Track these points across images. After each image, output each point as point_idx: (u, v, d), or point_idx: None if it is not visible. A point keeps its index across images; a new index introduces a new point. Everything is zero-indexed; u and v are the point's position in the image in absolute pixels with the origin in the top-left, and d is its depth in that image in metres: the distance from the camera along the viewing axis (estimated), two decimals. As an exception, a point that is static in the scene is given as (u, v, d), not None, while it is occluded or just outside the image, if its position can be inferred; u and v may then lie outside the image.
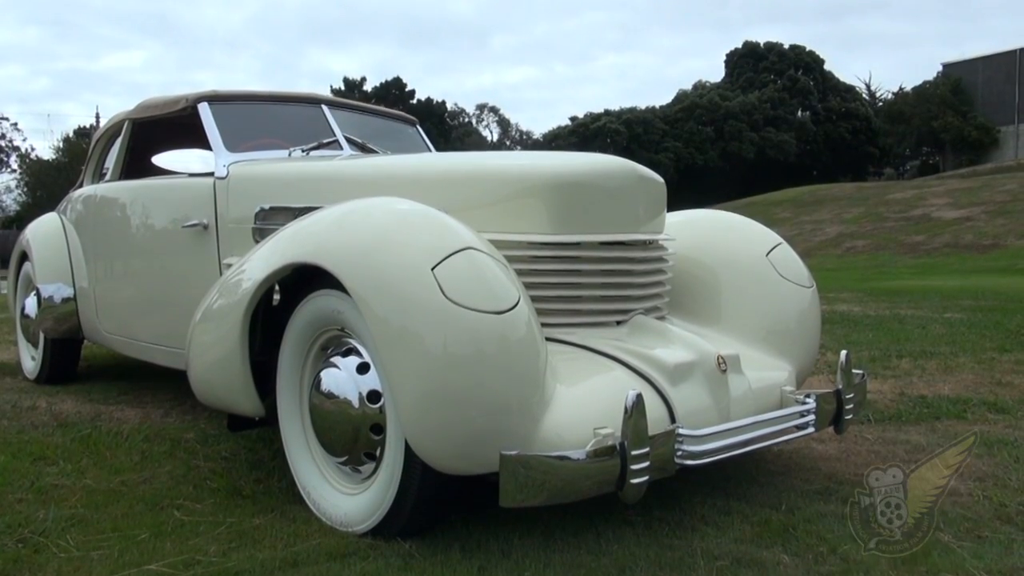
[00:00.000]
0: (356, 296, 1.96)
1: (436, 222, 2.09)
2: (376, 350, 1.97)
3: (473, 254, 1.97)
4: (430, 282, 1.88)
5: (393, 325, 1.90)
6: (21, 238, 4.56)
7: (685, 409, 2.14)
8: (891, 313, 9.36)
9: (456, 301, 1.86)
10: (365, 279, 1.95)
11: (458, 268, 1.92)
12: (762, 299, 2.76)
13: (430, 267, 1.90)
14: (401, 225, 2.07)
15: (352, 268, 1.98)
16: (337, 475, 2.24)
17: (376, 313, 1.92)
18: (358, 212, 2.19)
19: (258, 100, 3.60)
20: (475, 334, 1.86)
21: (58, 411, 3.64)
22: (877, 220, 31.36)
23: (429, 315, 1.85)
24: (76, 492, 2.45)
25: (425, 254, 1.93)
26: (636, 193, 2.49)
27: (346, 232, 2.12)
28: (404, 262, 1.93)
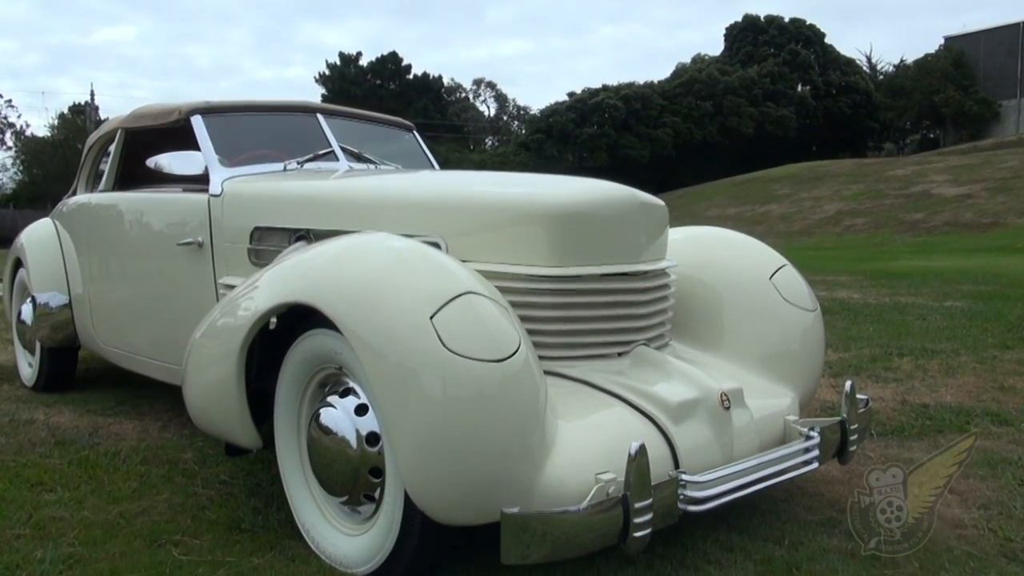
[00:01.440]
0: (354, 343, 1.92)
1: (434, 264, 2.05)
2: (374, 397, 1.94)
3: (472, 299, 1.93)
4: (429, 331, 1.84)
5: (392, 375, 1.86)
6: (16, 243, 4.51)
7: (688, 449, 2.12)
8: (891, 301, 9.34)
9: (455, 351, 1.82)
10: (363, 327, 1.92)
11: (457, 315, 1.88)
12: (765, 323, 2.73)
13: (429, 315, 1.86)
14: (398, 267, 2.03)
15: (350, 315, 1.95)
16: (337, 514, 2.22)
17: (374, 361, 1.89)
18: (355, 251, 2.15)
19: (252, 111, 3.54)
20: (475, 385, 1.83)
21: (56, 425, 3.62)
22: (877, 197, 31.26)
23: (428, 366, 1.82)
24: (74, 526, 2.42)
25: (423, 301, 1.89)
26: (638, 222, 2.44)
27: (343, 272, 2.08)
28: (402, 310, 1.89)
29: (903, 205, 29.08)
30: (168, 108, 3.51)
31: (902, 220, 27.41)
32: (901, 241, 24.89)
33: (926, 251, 22.36)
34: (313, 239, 2.76)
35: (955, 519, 2.52)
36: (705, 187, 43.68)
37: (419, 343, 1.84)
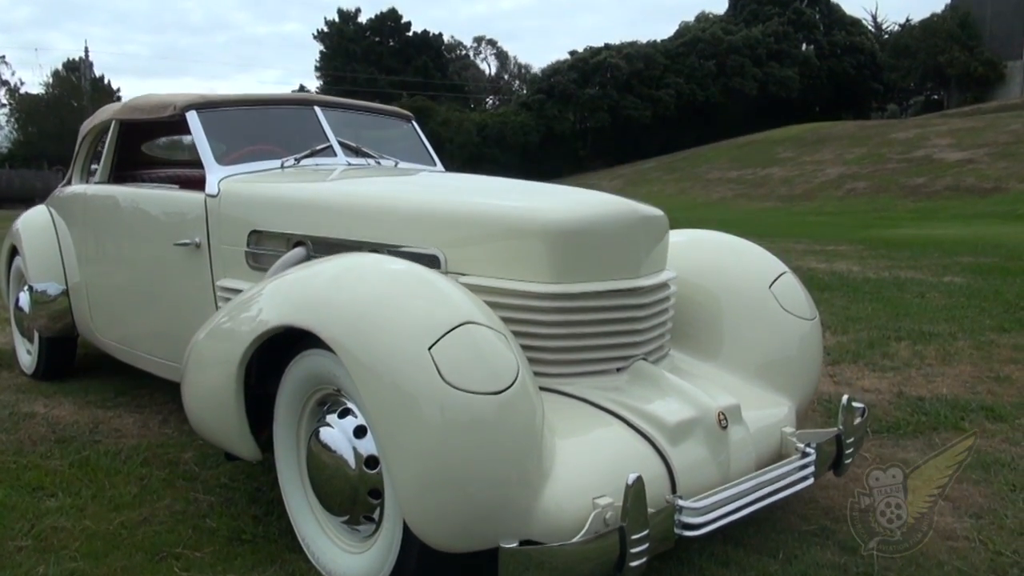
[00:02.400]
0: (352, 371, 1.92)
1: (433, 291, 2.04)
2: (372, 426, 1.95)
3: (470, 329, 1.93)
4: (427, 363, 1.84)
5: (390, 406, 1.87)
6: (12, 229, 4.49)
7: (685, 469, 2.13)
8: (890, 275, 9.34)
9: (453, 384, 1.83)
10: (362, 356, 1.92)
11: (455, 346, 1.88)
12: (763, 332, 2.73)
13: (427, 346, 1.86)
14: (397, 293, 2.03)
15: (349, 343, 1.94)
16: (337, 531, 2.24)
17: (372, 391, 1.89)
18: (353, 273, 2.15)
19: (248, 105, 3.50)
20: (473, 417, 1.83)
21: (56, 419, 3.64)
22: (878, 161, 31.07)
23: (426, 398, 1.82)
24: (76, 537, 2.45)
25: (422, 331, 1.89)
26: (637, 236, 2.43)
27: (342, 296, 2.07)
28: (401, 339, 1.89)
29: (904, 170, 28.92)
30: (163, 102, 3.47)
31: (903, 185, 27.28)
32: (902, 206, 24.80)
33: (927, 217, 22.29)
34: (311, 246, 2.75)
35: (947, 529, 2.54)
36: (707, 149, 43.39)
37: (417, 375, 1.84)
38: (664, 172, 40.87)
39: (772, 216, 25.35)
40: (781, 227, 20.20)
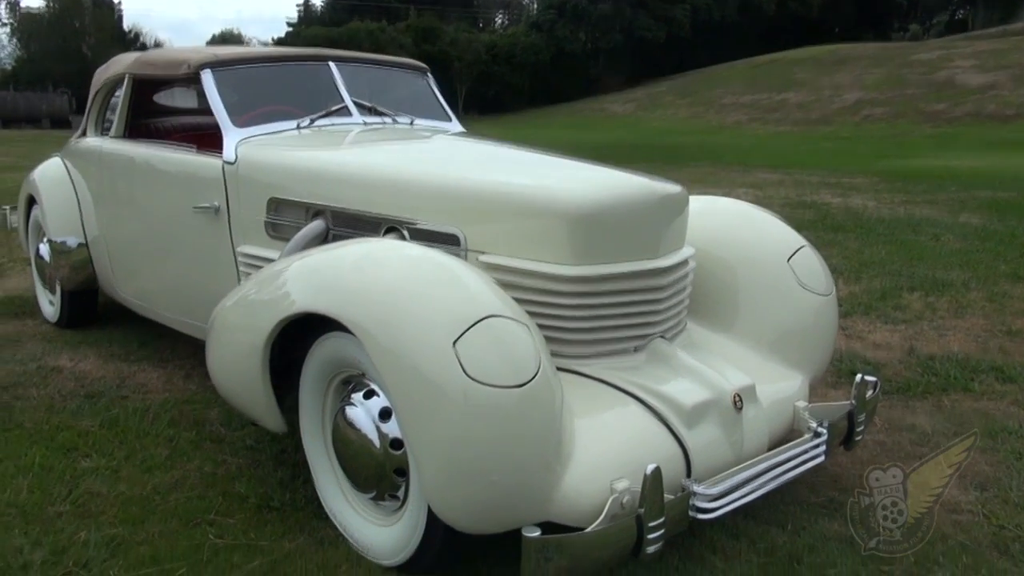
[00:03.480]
0: (378, 363, 1.97)
1: (456, 283, 2.07)
2: (397, 413, 2.01)
3: (493, 323, 1.96)
4: (451, 358, 1.88)
5: (415, 397, 1.92)
6: (29, 179, 4.50)
7: (700, 451, 2.19)
8: (905, 213, 9.29)
9: (477, 378, 1.87)
10: (387, 347, 1.96)
11: (479, 341, 1.92)
12: (779, 307, 2.75)
13: (451, 341, 1.90)
14: (421, 284, 2.05)
15: (374, 334, 1.98)
16: (363, 504, 2.33)
17: (398, 384, 1.94)
18: (377, 261, 2.17)
19: (262, 62, 3.46)
20: (496, 410, 1.88)
21: (82, 373, 3.74)
22: (898, 85, 30.42)
23: (451, 393, 1.87)
24: (112, 502, 2.55)
25: (446, 326, 1.92)
26: (658, 216, 2.44)
27: (365, 283, 2.10)
28: (426, 333, 1.93)
29: (925, 94, 28.35)
30: (177, 59, 3.44)
31: (923, 110, 26.79)
32: (920, 133, 24.41)
33: (945, 145, 21.94)
34: (330, 217, 2.77)
35: (952, 501, 2.62)
36: (721, 69, 42.49)
37: (442, 370, 1.88)
38: (677, 95, 40.15)
39: (787, 142, 25.01)
40: (796, 155, 19.96)
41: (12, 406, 3.30)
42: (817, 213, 9.32)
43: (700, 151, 22.14)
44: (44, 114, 39.65)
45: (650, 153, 21.48)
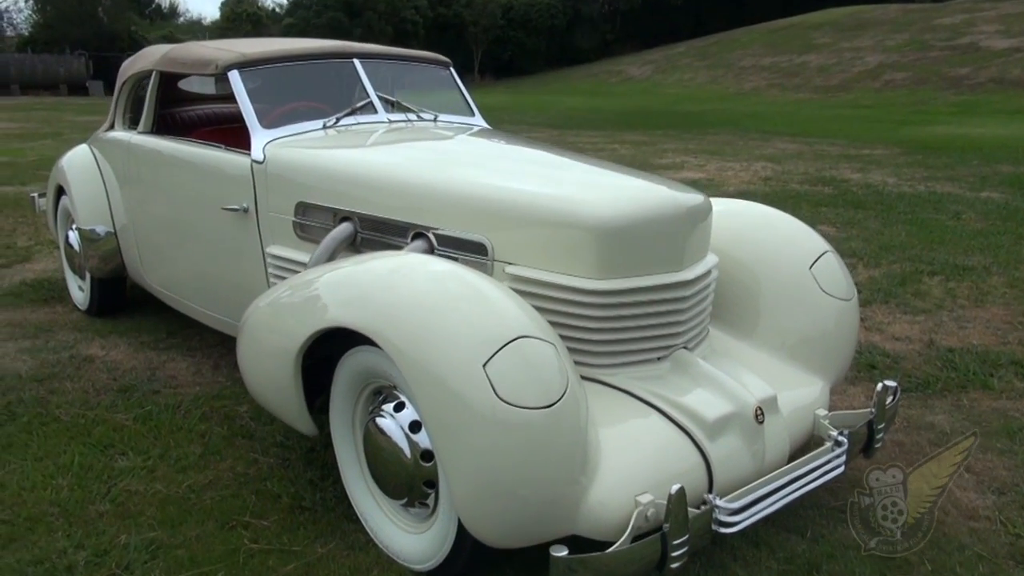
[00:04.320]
0: (408, 379, 2.03)
1: (485, 302, 2.11)
2: (427, 429, 2.07)
3: (522, 344, 2.00)
4: (482, 380, 1.93)
5: (445, 416, 1.98)
6: (57, 168, 4.56)
7: (722, 462, 2.24)
8: (926, 189, 9.23)
9: (507, 400, 1.92)
10: (417, 366, 2.01)
11: (508, 363, 1.96)
12: (801, 313, 2.78)
13: (481, 363, 1.95)
14: (450, 304, 2.09)
15: (405, 351, 2.03)
16: (393, 511, 2.40)
17: (428, 401, 2.00)
18: (406, 277, 2.21)
19: (288, 60, 3.48)
20: (526, 430, 1.94)
21: (114, 363, 3.82)
22: (921, 48, 29.90)
23: (481, 413, 1.92)
24: (150, 502, 2.64)
25: (476, 347, 1.97)
26: (682, 229, 2.46)
27: (397, 301, 2.14)
28: (457, 353, 1.98)
29: (948, 59, 27.86)
30: (204, 58, 3.46)
31: (945, 76, 26.35)
32: (942, 100, 24.04)
33: (968, 111, 21.63)
34: (358, 222, 2.81)
35: (969, 507, 2.67)
36: (741, 32, 41.84)
37: (472, 391, 1.93)
38: (695, 58, 39.62)
39: (806, 109, 24.72)
40: (816, 123, 19.75)
41: (48, 400, 3.39)
42: (836, 189, 9.26)
43: (719, 118, 21.94)
44: (62, 78, 39.68)
45: (668, 120, 21.32)
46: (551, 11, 50.34)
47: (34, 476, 2.78)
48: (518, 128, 18.78)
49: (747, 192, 9.11)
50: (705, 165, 11.69)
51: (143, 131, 3.93)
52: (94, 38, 43.07)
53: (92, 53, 41.74)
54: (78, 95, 38.49)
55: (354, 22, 46.92)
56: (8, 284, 5.15)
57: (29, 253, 6.02)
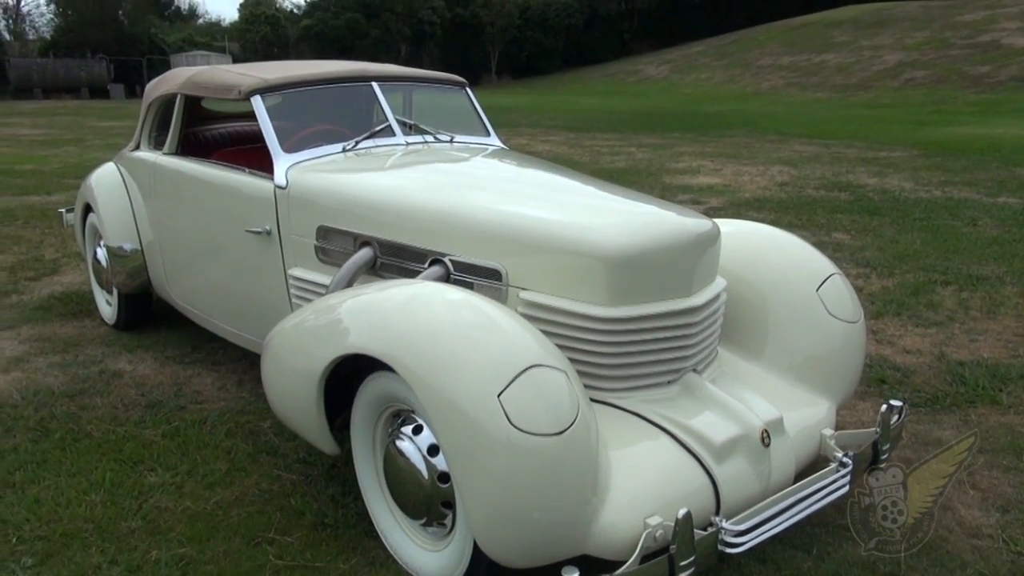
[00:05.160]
0: (426, 407, 2.12)
1: (499, 331, 2.20)
2: (444, 453, 2.16)
3: (535, 373, 2.09)
4: (496, 410, 2.02)
5: (461, 443, 2.07)
6: (85, 186, 4.70)
7: (729, 483, 2.32)
8: (943, 195, 9.23)
9: (520, 427, 2.01)
10: (434, 395, 2.10)
11: (522, 392, 2.05)
12: (808, 335, 2.85)
13: (496, 393, 2.04)
14: (467, 334, 2.19)
15: (421, 380, 2.13)
16: (412, 529, 2.50)
17: (445, 428, 2.09)
18: (420, 304, 2.31)
19: (309, 85, 3.58)
20: (538, 455, 2.02)
21: (141, 379, 3.95)
22: (941, 46, 29.68)
23: (495, 440, 2.01)
24: (179, 518, 2.76)
25: (491, 378, 2.06)
26: (692, 256, 2.54)
27: (412, 327, 2.23)
28: (472, 384, 2.07)
29: (969, 56, 27.64)
30: (228, 83, 3.57)
31: (966, 74, 26.15)
32: (963, 99, 23.87)
33: (988, 111, 21.47)
34: (377, 248, 2.91)
35: (973, 525, 2.73)
36: (758, 31, 41.67)
37: (487, 418, 2.02)
38: (713, 57, 39.51)
39: (825, 109, 24.63)
40: (834, 123, 19.68)
41: (80, 416, 3.52)
42: (853, 195, 9.27)
43: (736, 118, 21.90)
44: (83, 82, 40.23)
45: (685, 121, 21.31)
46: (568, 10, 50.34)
47: (68, 492, 2.90)
48: (535, 131, 18.85)
49: (763, 199, 9.14)
50: (721, 169, 11.71)
51: (168, 152, 4.05)
52: (115, 42, 43.62)
53: (113, 57, 42.31)
54: (99, 98, 39.02)
55: (371, 23, 47.18)
56: (37, 298, 5.31)
57: (57, 265, 6.18)
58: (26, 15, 53.92)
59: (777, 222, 7.69)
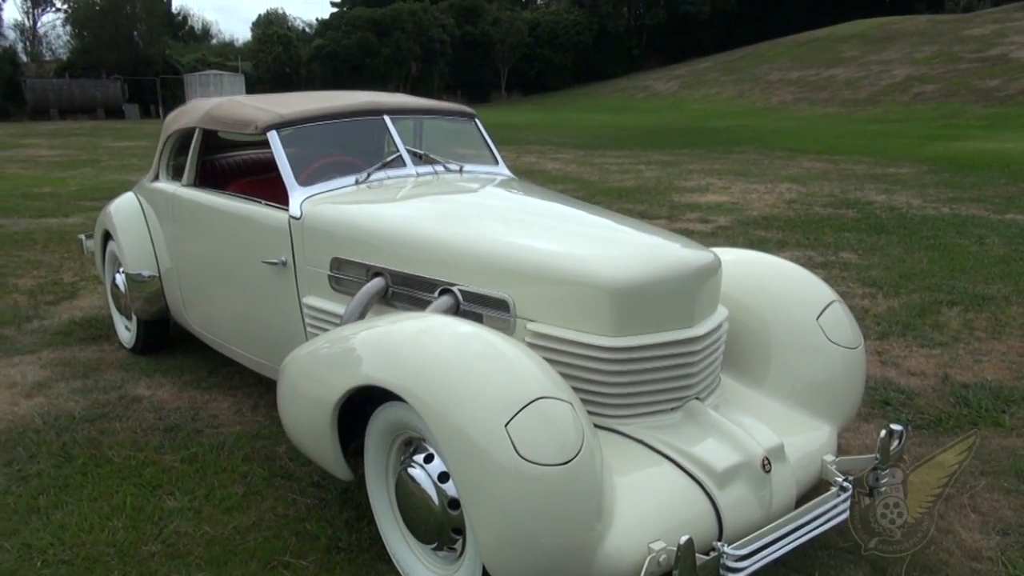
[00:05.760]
0: (437, 437, 2.20)
1: (507, 363, 2.28)
2: (454, 481, 2.24)
3: (542, 405, 2.17)
4: (504, 440, 2.10)
5: (470, 471, 2.15)
6: (105, 214, 4.82)
7: (731, 509, 2.39)
8: (950, 212, 9.27)
9: (527, 458, 2.09)
10: (443, 425, 2.18)
11: (529, 423, 2.13)
12: (809, 362, 2.92)
13: (503, 424, 2.12)
14: (473, 361, 2.28)
15: (431, 411, 2.21)
16: (424, 554, 2.58)
17: (455, 457, 2.17)
18: (431, 336, 2.40)
19: (323, 119, 3.69)
20: (545, 485, 2.10)
21: (159, 404, 4.05)
22: (950, 61, 29.71)
23: (503, 469, 2.09)
24: (198, 542, 2.84)
25: (499, 409, 2.14)
26: (693, 288, 2.62)
27: (423, 360, 2.32)
28: (480, 414, 2.15)
29: (977, 70, 27.64)
30: (245, 118, 3.69)
31: (975, 88, 26.16)
32: (972, 112, 23.88)
33: (998, 125, 21.48)
34: (389, 278, 3.01)
35: (973, 548, 2.78)
36: (767, 47, 41.82)
37: (495, 449, 2.10)
38: (722, 72, 39.65)
39: (833, 124, 24.68)
40: (843, 138, 19.75)
41: (100, 441, 3.62)
42: (860, 212, 9.33)
43: (745, 134, 21.99)
44: (99, 102, 40.78)
45: (694, 138, 21.41)
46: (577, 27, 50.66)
47: (91, 517, 2.99)
48: (544, 148, 18.99)
49: (771, 217, 9.21)
50: (730, 187, 11.79)
51: (187, 184, 4.17)
52: (129, 62, 44.19)
53: (128, 77, 42.86)
54: (114, 118, 39.51)
55: (383, 42, 47.60)
56: (58, 322, 5.43)
57: (75, 289, 6.31)
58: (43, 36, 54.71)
59: (785, 241, 7.78)
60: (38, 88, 40.62)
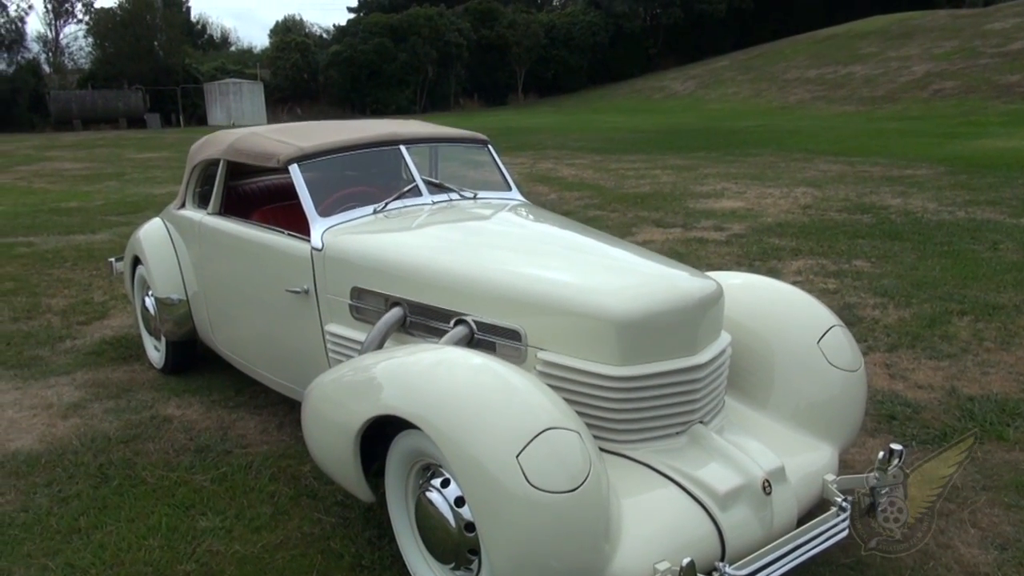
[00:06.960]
0: (452, 465, 2.35)
1: (518, 396, 2.42)
2: (469, 506, 2.38)
3: (551, 435, 2.31)
4: (515, 469, 2.24)
5: (484, 498, 2.29)
6: (134, 239, 5.01)
7: (733, 530, 2.51)
8: (966, 216, 9.29)
9: (537, 486, 2.23)
10: (458, 454, 2.33)
11: (539, 453, 2.27)
12: (810, 384, 3.04)
13: (515, 455, 2.26)
14: (486, 393, 2.42)
15: (447, 441, 2.35)
16: (443, 573, 2.71)
17: (469, 485, 2.31)
18: (446, 368, 2.55)
19: (342, 151, 3.85)
20: (555, 511, 2.24)
21: (190, 423, 4.22)
22: (970, 56, 29.48)
23: (515, 497, 2.23)
24: (230, 561, 3.00)
25: (510, 440, 2.28)
26: (697, 317, 2.74)
27: (438, 392, 2.47)
28: (493, 444, 2.29)
29: (998, 65, 27.42)
30: (267, 152, 3.85)
31: (995, 83, 25.95)
32: (992, 109, 23.71)
33: (1018, 121, 21.32)
34: (407, 308, 3.16)
35: (971, 563, 2.88)
36: (784, 44, 41.65)
37: (507, 478, 2.25)
38: (738, 71, 39.55)
39: (851, 123, 24.59)
40: (860, 138, 19.69)
41: (135, 462, 3.79)
42: (876, 218, 9.37)
43: (762, 135, 21.97)
44: (121, 112, 41.41)
45: (710, 139, 21.43)
46: (593, 28, 50.68)
47: (129, 537, 3.16)
48: (560, 153, 19.10)
49: (785, 223, 9.28)
50: (745, 192, 11.85)
51: (212, 212, 4.34)
52: (151, 72, 44.79)
53: (149, 87, 43.45)
54: (136, 128, 40.08)
55: (399, 47, 47.91)
56: (90, 342, 5.63)
57: (105, 309, 6.52)
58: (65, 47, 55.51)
59: (798, 249, 7.86)
60: (61, 99, 41.31)
